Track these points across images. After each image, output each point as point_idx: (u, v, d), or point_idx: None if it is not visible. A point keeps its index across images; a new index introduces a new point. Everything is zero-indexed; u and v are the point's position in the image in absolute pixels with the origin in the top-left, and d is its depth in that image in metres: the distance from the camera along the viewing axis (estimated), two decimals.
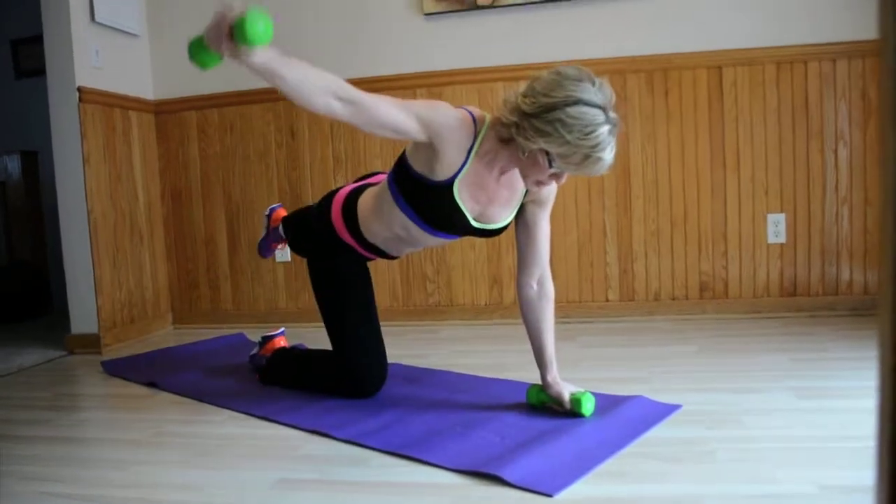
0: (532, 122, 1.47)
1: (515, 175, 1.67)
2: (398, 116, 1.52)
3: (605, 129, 1.45)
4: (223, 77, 3.25)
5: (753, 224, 2.88)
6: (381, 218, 1.80)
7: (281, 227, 2.29)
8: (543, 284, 1.83)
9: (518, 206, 1.77)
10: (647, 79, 2.90)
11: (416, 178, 1.65)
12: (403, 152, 1.73)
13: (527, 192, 1.74)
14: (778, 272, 2.88)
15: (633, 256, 2.97)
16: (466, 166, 1.61)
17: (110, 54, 3.07)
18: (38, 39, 3.01)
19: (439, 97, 3.04)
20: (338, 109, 1.47)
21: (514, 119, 1.51)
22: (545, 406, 1.79)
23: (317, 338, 2.42)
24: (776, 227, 2.86)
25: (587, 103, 1.44)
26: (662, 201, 2.94)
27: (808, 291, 2.86)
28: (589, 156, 1.46)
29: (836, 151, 2.80)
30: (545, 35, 2.95)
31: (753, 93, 2.84)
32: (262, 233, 2.47)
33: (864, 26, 2.70)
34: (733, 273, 2.91)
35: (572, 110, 1.43)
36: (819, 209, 2.83)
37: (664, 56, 2.87)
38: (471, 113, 1.63)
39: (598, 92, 1.46)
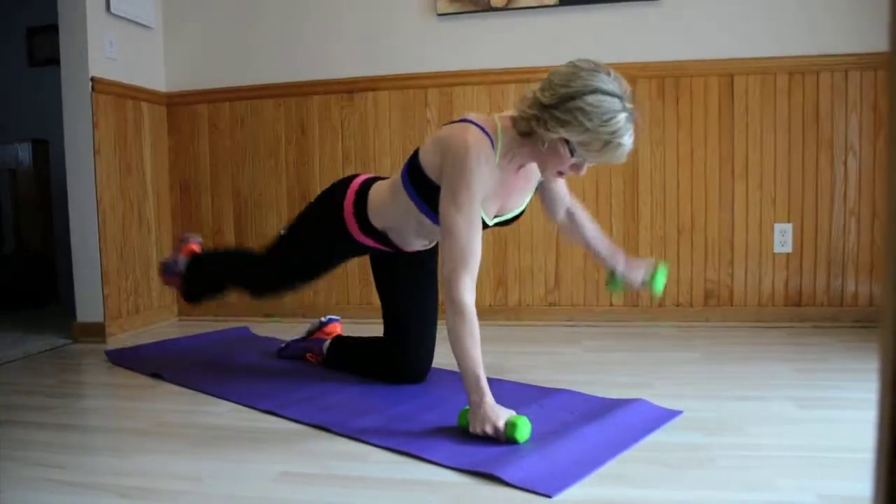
0: (552, 112, 1.51)
1: (532, 164, 1.73)
2: (480, 230, 1.64)
3: (623, 115, 1.49)
4: (235, 71, 3.27)
5: (760, 233, 2.88)
6: (397, 211, 1.84)
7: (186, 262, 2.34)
8: (573, 208, 1.97)
9: (532, 192, 1.85)
10: (659, 85, 2.90)
11: (437, 189, 1.69)
12: (416, 157, 1.75)
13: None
14: (783, 282, 2.88)
15: None
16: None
17: (124, 45, 3.09)
18: (53, 29, 3.03)
19: (450, 97, 3.05)
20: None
21: (534, 112, 1.54)
22: (543, 407, 1.79)
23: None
24: (783, 237, 2.85)
25: (605, 92, 1.48)
26: (670, 207, 2.94)
27: (813, 302, 2.86)
28: (609, 142, 1.49)
29: (845, 163, 2.80)
30: (558, 39, 2.96)
31: (764, 102, 2.84)
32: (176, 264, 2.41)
33: (876, 39, 2.70)
34: (738, 281, 2.91)
35: (591, 98, 1.47)
36: (826, 220, 2.83)
37: (676, 63, 2.87)
38: (481, 128, 1.63)
39: (614, 82, 1.51)
